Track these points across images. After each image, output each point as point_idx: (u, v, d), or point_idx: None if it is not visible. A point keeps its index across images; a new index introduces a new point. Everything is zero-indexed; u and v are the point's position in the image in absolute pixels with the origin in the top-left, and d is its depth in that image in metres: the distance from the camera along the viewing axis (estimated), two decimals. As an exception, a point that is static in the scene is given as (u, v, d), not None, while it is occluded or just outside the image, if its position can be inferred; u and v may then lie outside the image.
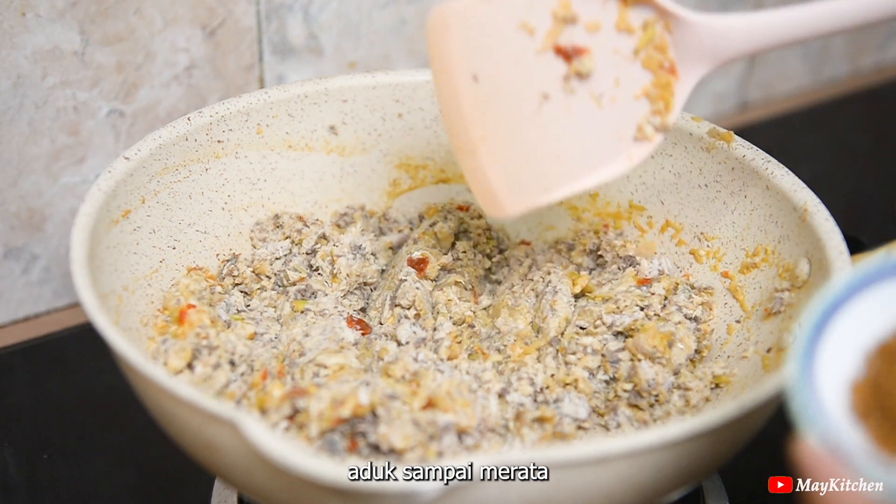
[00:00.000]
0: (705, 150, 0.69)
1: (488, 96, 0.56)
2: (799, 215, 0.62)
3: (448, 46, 0.55)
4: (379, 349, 0.63)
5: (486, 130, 0.56)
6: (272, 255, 0.69)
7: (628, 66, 0.57)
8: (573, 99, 0.56)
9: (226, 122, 0.69)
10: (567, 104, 0.56)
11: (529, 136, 0.56)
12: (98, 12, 0.76)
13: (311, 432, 0.54)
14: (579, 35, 0.56)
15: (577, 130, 0.57)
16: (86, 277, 0.55)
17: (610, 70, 0.57)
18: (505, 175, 0.57)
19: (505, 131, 0.56)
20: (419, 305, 0.65)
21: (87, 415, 0.76)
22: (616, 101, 0.57)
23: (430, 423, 0.55)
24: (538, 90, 0.56)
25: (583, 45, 0.55)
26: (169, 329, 0.62)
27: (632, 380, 0.62)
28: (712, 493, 0.67)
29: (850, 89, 1.23)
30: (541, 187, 0.57)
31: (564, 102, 0.56)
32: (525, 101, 0.56)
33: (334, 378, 0.58)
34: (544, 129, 0.56)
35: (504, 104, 0.56)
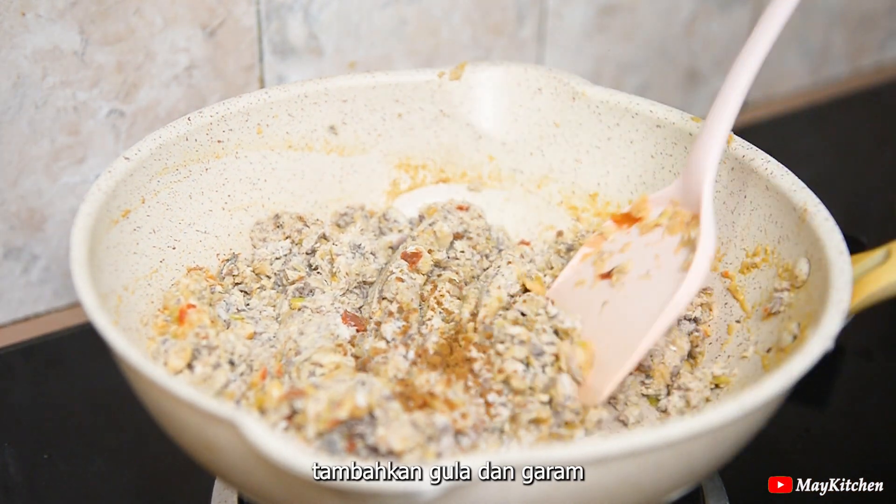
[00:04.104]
0: (705, 150, 0.69)
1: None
2: (799, 215, 0.62)
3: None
4: (369, 348, 0.62)
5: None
6: (272, 255, 0.69)
7: (660, 242, 0.64)
8: (626, 289, 0.63)
9: (226, 122, 0.69)
10: (622, 295, 0.63)
11: (603, 335, 0.62)
12: (98, 12, 0.76)
13: (308, 433, 0.54)
14: (616, 258, 0.65)
15: (639, 303, 0.62)
16: (86, 277, 0.55)
17: (647, 254, 0.63)
18: (595, 371, 0.62)
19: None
20: (401, 298, 0.65)
21: (87, 415, 0.76)
22: (661, 266, 0.62)
23: (429, 424, 0.55)
24: (598, 303, 0.64)
25: (621, 262, 0.64)
26: (169, 329, 0.62)
27: (549, 391, 0.61)
28: (712, 493, 0.67)
29: (850, 89, 1.23)
30: (621, 359, 0.61)
31: (620, 296, 0.63)
32: (589, 318, 0.63)
33: (330, 377, 0.58)
34: (614, 322, 0.62)
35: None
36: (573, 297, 0.66)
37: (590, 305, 0.64)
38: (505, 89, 0.75)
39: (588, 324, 0.63)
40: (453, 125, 0.76)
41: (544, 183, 0.76)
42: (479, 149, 0.76)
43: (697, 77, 1.13)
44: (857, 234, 0.76)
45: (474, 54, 0.97)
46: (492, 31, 0.97)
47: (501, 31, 0.97)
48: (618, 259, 0.64)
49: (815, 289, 0.59)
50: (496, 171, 0.77)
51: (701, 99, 1.14)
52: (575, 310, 0.64)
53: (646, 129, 0.72)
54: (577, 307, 0.65)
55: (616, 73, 1.08)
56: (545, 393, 0.60)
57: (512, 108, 0.75)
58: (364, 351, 0.63)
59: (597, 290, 0.64)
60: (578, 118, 0.74)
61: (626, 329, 0.61)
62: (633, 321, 0.61)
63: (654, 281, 0.62)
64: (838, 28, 1.21)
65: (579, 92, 0.73)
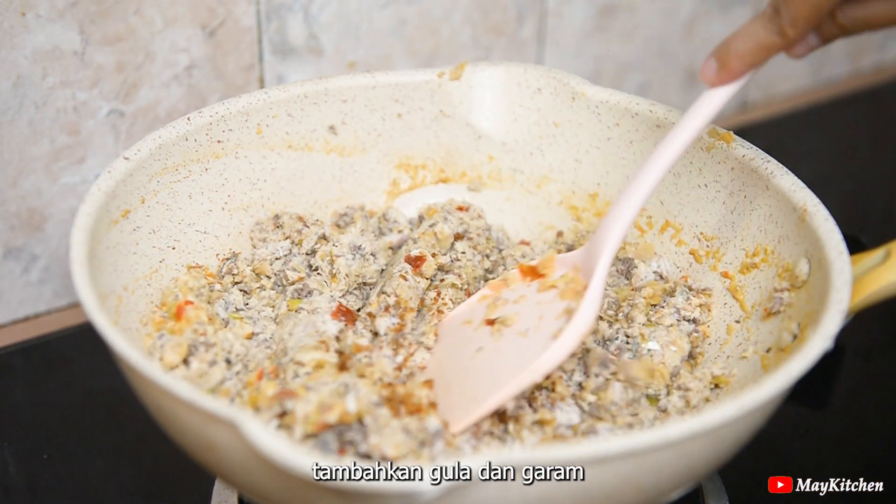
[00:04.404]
0: (705, 150, 0.69)
1: (438, 362, 0.64)
2: (798, 215, 0.62)
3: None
4: (351, 344, 0.62)
5: (434, 375, 0.63)
6: (272, 255, 0.69)
7: (550, 304, 0.62)
8: (502, 341, 0.62)
9: (226, 122, 0.69)
10: (496, 346, 0.62)
11: (466, 376, 0.62)
12: (98, 12, 0.76)
13: (296, 434, 0.54)
14: (507, 308, 0.64)
15: (507, 358, 0.61)
16: (85, 277, 0.55)
17: (534, 313, 0.62)
18: (448, 407, 0.60)
19: (448, 378, 0.62)
20: (400, 293, 0.65)
21: (87, 415, 0.76)
22: (540, 328, 0.61)
23: (420, 429, 0.55)
24: (474, 347, 0.63)
25: (507, 314, 0.63)
26: (166, 325, 0.62)
27: (597, 392, 0.61)
28: (712, 493, 0.67)
29: (850, 89, 1.23)
30: (473, 407, 0.60)
31: (494, 346, 0.62)
32: (462, 356, 0.63)
33: (314, 378, 0.58)
34: (480, 369, 0.62)
35: (446, 363, 0.64)
36: (456, 333, 0.65)
37: (466, 346, 0.63)
38: (505, 89, 0.75)
39: (457, 364, 0.63)
40: (453, 125, 0.76)
41: (544, 183, 0.76)
42: (478, 149, 0.76)
43: (697, 77, 1.13)
44: (857, 234, 0.76)
45: (474, 54, 0.97)
46: (492, 31, 0.97)
47: (501, 31, 0.97)
48: (509, 309, 0.64)
49: (814, 289, 0.59)
50: (496, 171, 0.77)
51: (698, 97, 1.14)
52: (452, 346, 0.64)
53: (646, 129, 0.72)
54: (455, 344, 0.64)
55: (616, 73, 1.08)
56: (594, 394, 0.61)
57: (512, 108, 0.75)
58: (347, 346, 0.62)
59: (478, 334, 0.64)
60: (578, 118, 0.74)
61: (487, 380, 0.60)
62: (496, 374, 0.60)
63: (529, 341, 0.61)
64: (838, 28, 1.21)
65: (579, 92, 0.73)
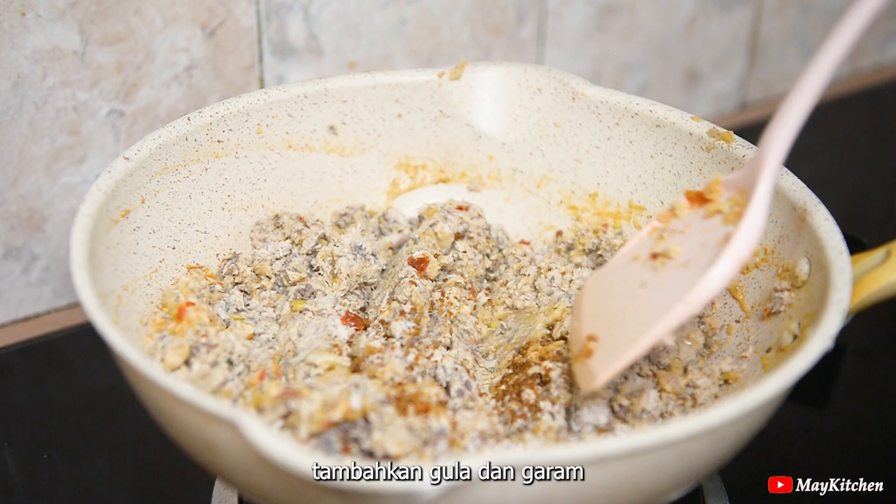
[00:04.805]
0: (705, 149, 0.69)
1: (597, 305, 0.61)
2: (798, 215, 0.62)
3: (580, 294, 0.64)
4: (364, 346, 0.62)
5: (594, 328, 0.60)
6: (272, 256, 0.69)
7: (714, 230, 0.58)
8: (664, 274, 0.59)
9: (226, 122, 0.69)
10: (659, 281, 0.59)
11: (627, 315, 0.59)
12: (98, 12, 0.76)
13: (301, 434, 0.54)
14: (674, 239, 0.60)
15: (667, 293, 0.58)
16: (85, 277, 0.55)
17: (697, 241, 0.59)
18: (603, 354, 0.58)
19: (608, 323, 0.59)
20: (415, 300, 0.66)
21: (87, 415, 0.76)
22: (701, 257, 0.57)
23: (424, 428, 0.55)
24: (637, 283, 0.60)
25: (674, 245, 0.60)
26: (167, 326, 0.62)
27: (631, 398, 0.61)
28: (712, 493, 0.67)
29: (850, 89, 1.23)
30: (629, 343, 0.57)
31: (657, 281, 0.59)
32: (626, 295, 0.60)
33: (325, 378, 0.58)
34: (640, 307, 0.59)
35: (609, 304, 0.61)
36: (624, 271, 0.62)
37: (631, 283, 0.60)
38: (505, 89, 0.75)
39: (621, 302, 0.60)
40: (453, 125, 0.76)
41: (544, 183, 0.76)
42: (478, 149, 0.76)
43: (697, 77, 1.13)
44: (858, 234, 0.76)
45: (474, 54, 0.97)
46: (492, 31, 0.97)
47: (501, 31, 0.97)
48: (676, 240, 0.60)
49: (815, 289, 0.59)
50: (496, 171, 0.77)
51: (701, 99, 1.14)
52: (619, 284, 0.61)
53: (645, 128, 0.72)
54: (621, 282, 0.61)
55: (616, 73, 1.08)
56: (627, 398, 0.60)
57: (512, 108, 0.75)
58: (360, 350, 0.63)
59: (644, 269, 0.60)
60: (578, 118, 0.74)
61: (646, 317, 0.57)
62: (654, 310, 0.57)
63: (690, 272, 0.57)
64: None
65: (579, 92, 0.73)
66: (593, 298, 0.62)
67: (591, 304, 0.62)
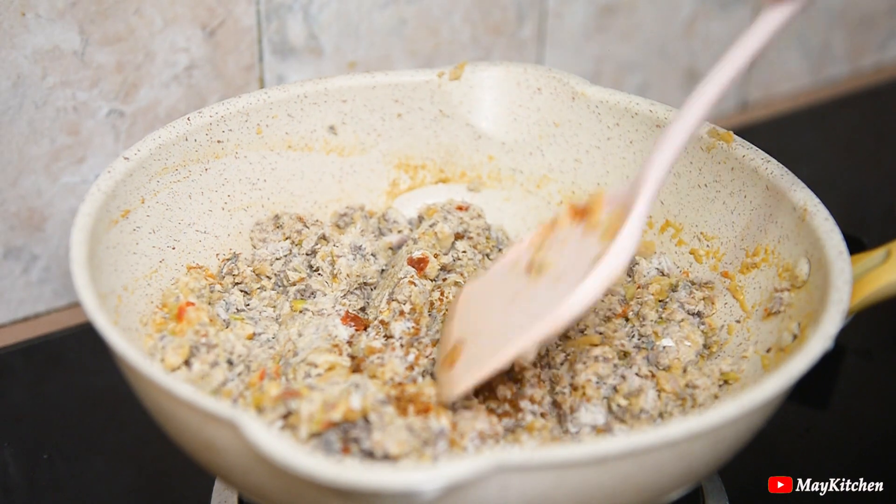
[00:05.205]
0: (705, 150, 0.69)
1: (470, 311, 0.62)
2: (798, 215, 0.62)
3: (455, 298, 0.65)
4: (364, 347, 0.62)
5: (463, 334, 0.60)
6: (272, 256, 0.69)
7: (591, 246, 0.58)
8: (536, 287, 0.59)
9: (225, 123, 0.69)
10: (531, 292, 0.59)
11: (495, 325, 0.59)
12: (98, 12, 0.76)
13: (301, 434, 0.54)
14: (551, 251, 0.60)
15: (537, 305, 0.58)
16: (85, 277, 0.55)
17: (572, 256, 0.59)
18: (467, 363, 0.58)
19: (477, 331, 0.60)
20: (415, 300, 0.66)
21: (87, 415, 0.76)
22: (574, 272, 0.57)
23: (424, 428, 0.55)
24: (511, 293, 0.60)
25: (549, 257, 0.59)
26: (167, 326, 0.62)
27: (629, 398, 0.61)
28: (712, 493, 0.67)
29: (850, 89, 1.23)
30: (491, 354, 0.57)
31: (529, 292, 0.59)
32: (498, 304, 0.60)
33: (325, 379, 0.58)
34: (509, 318, 0.59)
35: (481, 311, 0.61)
36: (501, 278, 0.62)
37: (505, 292, 0.60)
38: (504, 89, 0.75)
39: (492, 311, 0.60)
40: (453, 125, 0.76)
41: (544, 183, 0.76)
42: (478, 149, 0.76)
43: (697, 77, 1.13)
44: (858, 234, 0.76)
45: (474, 54, 0.97)
46: (492, 31, 0.97)
47: (501, 31, 0.97)
48: (553, 252, 0.59)
49: (815, 289, 0.59)
50: (496, 171, 0.77)
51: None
52: (494, 292, 0.61)
53: (645, 128, 0.72)
54: (497, 290, 0.61)
55: (616, 73, 1.08)
56: (626, 398, 0.60)
57: (511, 108, 0.75)
58: (360, 350, 0.63)
59: (519, 279, 0.60)
60: (578, 118, 0.74)
61: (512, 328, 0.56)
62: (521, 322, 0.56)
63: (560, 287, 0.56)
64: (838, 28, 1.21)
65: (579, 92, 0.73)
66: (468, 304, 0.62)
67: (465, 309, 0.62)
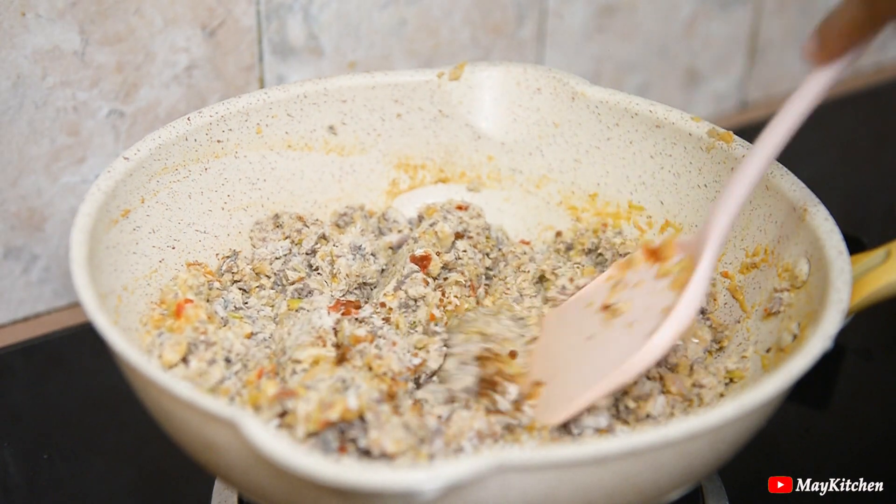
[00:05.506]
0: (705, 150, 0.69)
1: (549, 345, 0.64)
2: (798, 215, 0.62)
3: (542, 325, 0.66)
4: (349, 335, 0.62)
5: (543, 371, 0.62)
6: (272, 255, 0.69)
7: (661, 293, 0.60)
8: (610, 330, 0.61)
9: (225, 122, 0.69)
10: (604, 336, 0.61)
11: (572, 366, 0.61)
12: (98, 12, 0.76)
13: (298, 434, 0.54)
14: (626, 293, 0.62)
15: (609, 351, 0.60)
16: (85, 277, 0.55)
17: (644, 302, 0.60)
18: (545, 401, 0.60)
19: (554, 370, 0.62)
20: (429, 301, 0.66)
21: (87, 415, 0.76)
22: (644, 321, 0.59)
23: (421, 426, 0.55)
24: (586, 334, 0.62)
25: (621, 301, 0.62)
26: (165, 323, 0.62)
27: (638, 401, 0.61)
28: (712, 493, 0.67)
29: (850, 89, 1.23)
30: (566, 401, 0.59)
31: (602, 335, 0.61)
32: (574, 343, 0.62)
33: (311, 376, 0.58)
34: (583, 361, 0.61)
35: (559, 349, 0.63)
36: (575, 316, 0.64)
37: (581, 332, 0.62)
38: (504, 89, 0.75)
39: (568, 351, 0.62)
40: (452, 125, 0.76)
41: (543, 183, 0.76)
42: (478, 149, 0.76)
43: (697, 77, 1.13)
44: (858, 234, 0.76)
45: (474, 54, 0.97)
46: (492, 31, 0.97)
47: (501, 31, 0.97)
48: (625, 295, 0.62)
49: (814, 288, 0.59)
50: (495, 172, 0.77)
51: (701, 99, 1.14)
52: (570, 330, 0.63)
53: (645, 129, 0.72)
54: (573, 328, 0.63)
55: (616, 73, 1.08)
56: (635, 401, 0.60)
57: (511, 108, 0.75)
58: (345, 338, 0.62)
59: (593, 320, 0.62)
60: (578, 118, 0.74)
61: (587, 374, 0.59)
62: (595, 368, 0.59)
63: (632, 334, 0.59)
64: (838, 28, 1.21)
65: (578, 92, 0.73)
66: (548, 337, 0.64)
67: (545, 342, 0.64)
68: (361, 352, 0.61)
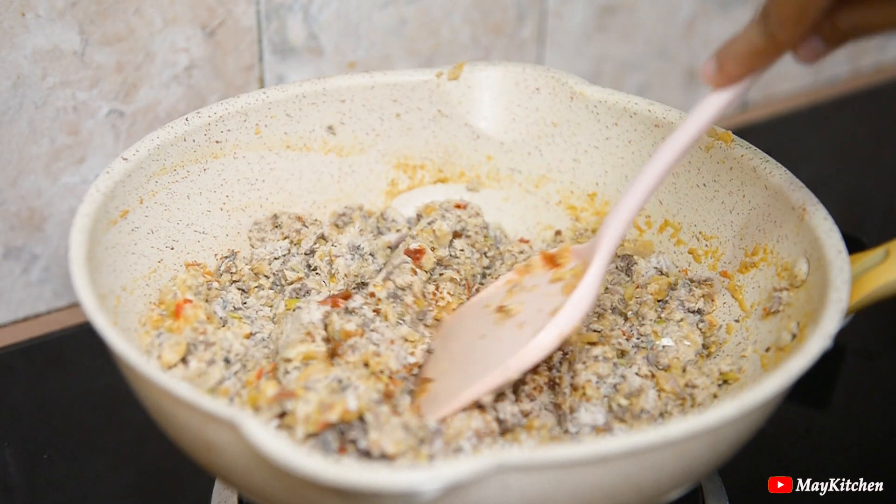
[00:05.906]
0: (704, 149, 0.69)
1: (444, 343, 0.65)
2: (797, 214, 0.62)
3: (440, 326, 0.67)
4: (339, 329, 0.61)
5: (433, 369, 0.63)
6: (271, 255, 0.69)
7: (553, 295, 0.62)
8: (501, 330, 0.62)
9: (224, 123, 0.69)
10: (495, 335, 0.62)
11: (459, 363, 0.62)
12: (98, 12, 0.76)
13: (297, 435, 0.54)
14: (520, 296, 0.64)
15: (498, 350, 0.61)
16: (84, 278, 0.55)
17: (536, 304, 0.62)
18: (432, 397, 0.61)
19: (445, 367, 0.62)
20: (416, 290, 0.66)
21: (87, 415, 0.76)
22: (534, 321, 0.61)
23: (420, 427, 0.55)
24: (479, 333, 0.63)
25: (517, 302, 0.63)
26: (164, 323, 0.62)
27: (630, 398, 0.61)
28: (712, 493, 0.67)
29: (850, 89, 1.23)
30: (451, 396, 0.60)
31: (494, 335, 0.62)
32: (467, 342, 0.63)
33: (306, 376, 0.58)
34: (472, 359, 0.62)
35: (451, 345, 0.64)
36: (472, 317, 0.65)
37: (475, 331, 0.63)
38: (503, 89, 0.75)
39: (460, 349, 0.63)
40: (451, 125, 0.76)
41: (542, 183, 0.76)
42: (477, 148, 0.76)
43: (697, 77, 1.13)
44: (857, 233, 0.76)
45: (474, 54, 0.97)
46: (492, 31, 0.97)
47: (501, 31, 0.97)
48: (521, 297, 0.64)
49: (814, 288, 0.59)
50: (494, 171, 0.77)
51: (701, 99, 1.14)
52: (466, 328, 0.64)
53: (644, 128, 0.72)
54: (469, 327, 0.64)
55: (616, 73, 1.08)
56: (627, 398, 0.60)
57: (510, 107, 0.75)
58: (335, 332, 0.62)
59: (488, 320, 0.64)
60: (577, 118, 0.74)
61: (474, 371, 0.60)
62: (483, 365, 0.60)
63: (521, 334, 0.60)
64: (838, 28, 1.21)
65: (577, 92, 0.73)
66: (444, 337, 0.65)
67: (442, 342, 0.65)
68: (353, 346, 0.60)
